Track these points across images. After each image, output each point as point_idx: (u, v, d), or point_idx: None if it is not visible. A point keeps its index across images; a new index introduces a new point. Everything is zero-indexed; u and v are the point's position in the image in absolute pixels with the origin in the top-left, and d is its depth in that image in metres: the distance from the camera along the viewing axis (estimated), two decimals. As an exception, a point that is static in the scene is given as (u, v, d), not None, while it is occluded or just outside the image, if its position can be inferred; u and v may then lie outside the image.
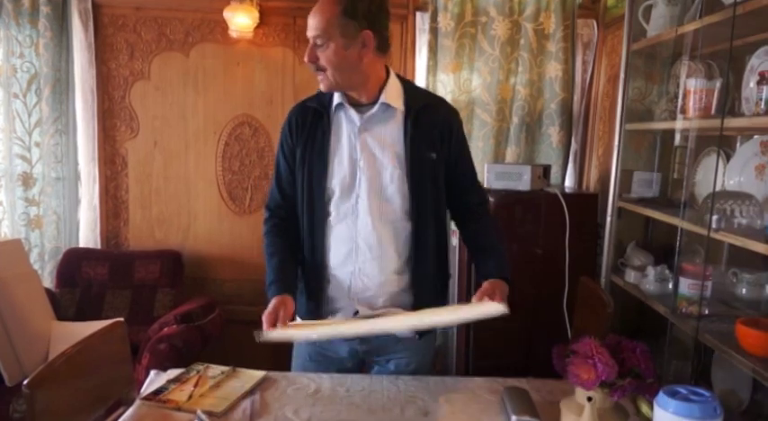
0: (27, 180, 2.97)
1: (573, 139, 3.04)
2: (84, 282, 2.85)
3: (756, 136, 1.91)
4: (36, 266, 2.90)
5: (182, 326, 2.45)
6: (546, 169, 2.64)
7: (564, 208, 2.43)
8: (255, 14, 2.92)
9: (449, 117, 1.60)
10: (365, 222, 1.54)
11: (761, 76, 1.64)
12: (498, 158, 3.00)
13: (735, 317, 1.63)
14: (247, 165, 3.12)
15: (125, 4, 3.00)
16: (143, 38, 3.02)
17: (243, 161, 3.11)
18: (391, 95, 1.54)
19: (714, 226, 1.63)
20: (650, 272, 2.10)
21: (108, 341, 1.57)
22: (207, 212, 3.14)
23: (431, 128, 1.55)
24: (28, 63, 2.92)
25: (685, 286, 1.83)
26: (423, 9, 3.01)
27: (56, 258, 2.97)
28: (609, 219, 2.33)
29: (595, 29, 3.02)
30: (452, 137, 1.58)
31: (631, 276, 2.23)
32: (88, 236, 3.06)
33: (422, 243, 1.58)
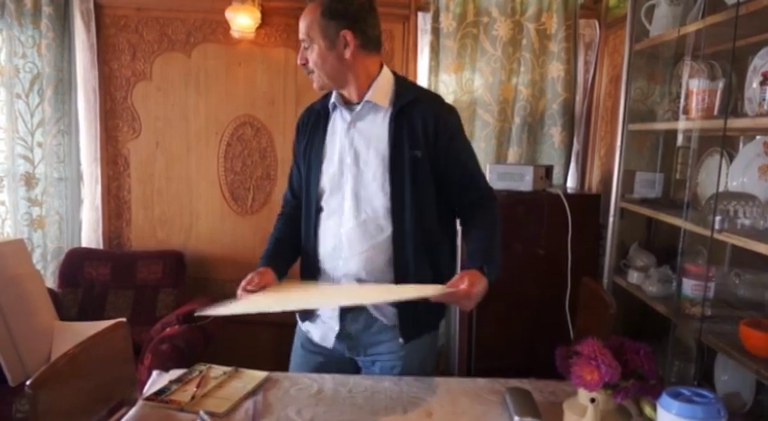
0: (30, 180, 2.98)
1: (575, 140, 3.04)
2: (87, 283, 2.86)
3: (759, 136, 1.91)
4: (39, 266, 2.90)
5: (184, 327, 2.45)
6: (548, 170, 2.64)
7: (566, 208, 2.42)
8: (257, 15, 2.92)
9: (437, 114, 1.56)
10: (348, 219, 1.57)
11: (764, 76, 1.64)
12: (500, 159, 3.00)
13: (738, 318, 1.63)
14: (249, 166, 3.13)
15: (127, 4, 3.00)
16: (145, 38, 3.02)
17: (245, 161, 3.12)
18: (378, 93, 1.56)
19: (717, 227, 1.63)
20: (653, 273, 2.10)
21: (111, 341, 1.57)
22: (209, 212, 3.14)
23: (416, 125, 1.54)
24: (30, 63, 2.92)
25: (688, 287, 1.83)
26: (424, 9, 3.01)
27: (58, 258, 2.97)
28: (611, 220, 2.33)
29: (597, 29, 3.02)
30: (440, 134, 1.54)
31: (634, 277, 2.22)
32: (90, 236, 3.07)
33: (403, 242, 1.55)
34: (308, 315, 1.69)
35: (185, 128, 3.09)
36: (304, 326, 1.73)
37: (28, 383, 1.25)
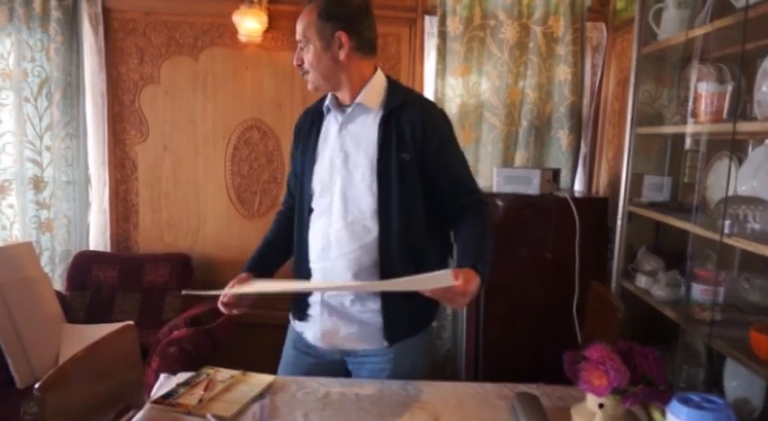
0: (38, 183, 2.99)
1: (582, 143, 3.03)
2: (95, 286, 2.87)
3: (768, 140, 1.90)
4: (47, 269, 2.91)
5: (191, 330, 2.45)
6: (555, 173, 2.63)
7: (574, 212, 2.42)
8: (264, 19, 2.93)
9: (426, 118, 1.57)
10: (337, 219, 1.59)
11: (774, 79, 1.63)
12: (507, 162, 2.99)
13: (748, 323, 1.61)
14: (256, 169, 3.13)
15: (135, 8, 3.02)
16: (153, 42, 3.04)
17: (252, 165, 3.12)
18: (369, 96, 1.58)
19: (727, 231, 1.61)
20: (661, 277, 2.09)
21: (119, 344, 1.58)
22: (216, 216, 3.15)
23: (404, 128, 1.55)
24: (39, 67, 2.94)
25: (697, 292, 1.81)
26: (431, 13, 3.01)
27: (66, 261, 2.98)
28: (619, 224, 2.32)
29: (604, 32, 3.01)
30: (429, 138, 1.55)
31: (642, 281, 2.21)
32: (98, 239, 3.08)
33: (389, 245, 1.56)
34: (301, 314, 1.69)
35: (193, 131, 3.10)
36: (298, 327, 1.73)
37: (36, 386, 1.25)
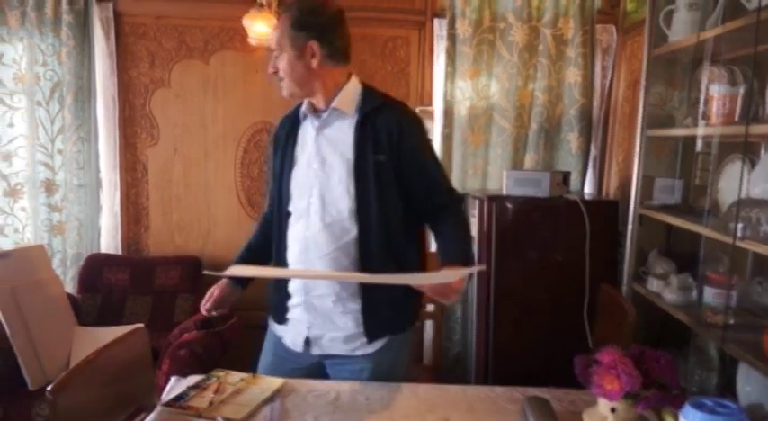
0: (50, 186, 3.01)
1: (592, 145, 3.02)
2: (106, 288, 2.88)
3: (782, 142, 1.88)
4: (58, 272, 2.93)
5: (201, 333, 2.46)
6: (565, 176, 2.62)
7: (584, 215, 2.40)
8: (274, 22, 2.93)
9: (399, 120, 1.62)
10: (315, 221, 1.63)
11: (787, 81, 1.62)
12: (517, 165, 2.99)
13: (761, 327, 1.60)
14: (266, 172, 3.14)
15: (146, 12, 3.04)
16: (163, 46, 3.06)
17: (261, 168, 3.13)
18: (344, 100, 1.62)
19: (739, 234, 1.60)
20: (673, 280, 2.07)
21: (130, 347, 1.59)
22: (226, 218, 3.16)
23: (380, 131, 1.60)
24: (51, 71, 2.96)
25: (710, 295, 1.80)
26: (440, 16, 3.01)
27: (78, 264, 3.00)
28: (630, 227, 2.31)
29: (614, 34, 3.00)
30: (402, 140, 1.60)
31: (653, 285, 2.20)
32: (109, 242, 3.09)
33: (367, 245, 1.61)
34: (281, 317, 1.73)
35: (203, 134, 3.11)
36: (278, 330, 1.77)
37: (48, 388, 1.26)
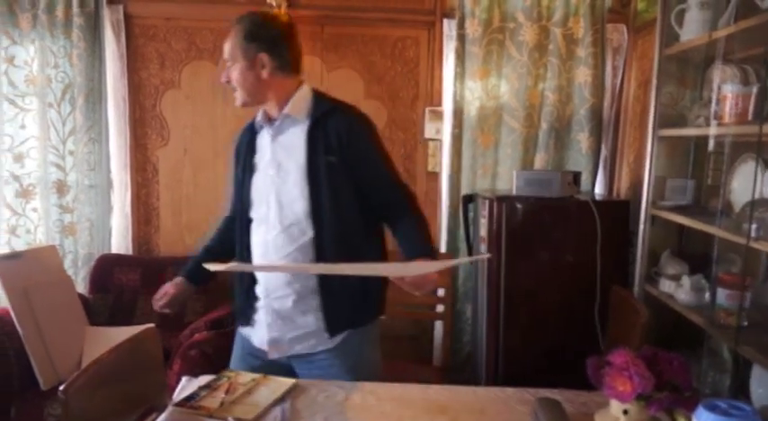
0: (61, 187, 3.03)
1: (603, 145, 3.00)
2: (117, 288, 2.89)
3: (795, 142, 1.86)
4: (70, 272, 2.94)
5: (212, 333, 2.46)
6: (576, 176, 2.61)
7: (595, 215, 2.39)
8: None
9: (348, 122, 1.68)
10: (274, 225, 1.69)
11: (801, 80, 1.60)
12: (527, 165, 2.97)
13: (775, 328, 1.59)
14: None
15: (156, 14, 3.05)
16: (173, 47, 3.07)
17: (271, 168, 3.13)
18: (295, 107, 1.68)
19: (753, 234, 1.59)
20: (686, 281, 2.06)
21: (142, 347, 1.59)
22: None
23: (330, 133, 1.65)
24: (62, 73, 2.98)
25: (723, 296, 1.79)
26: (450, 16, 3.01)
27: (89, 264, 3.01)
28: (642, 227, 2.29)
29: (625, 33, 2.98)
30: (352, 141, 1.65)
31: (666, 286, 2.18)
32: (120, 242, 3.10)
33: (323, 245, 1.66)
34: (247, 319, 1.80)
35: (213, 135, 3.12)
36: (244, 332, 1.84)
37: (61, 388, 1.27)
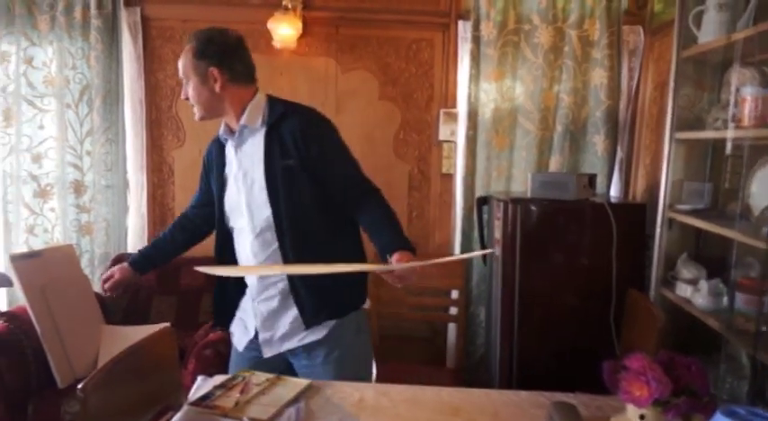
0: (78, 188, 3.07)
1: (619, 148, 2.98)
2: (132, 288, 2.91)
3: (816, 145, 1.84)
4: (86, 271, 2.97)
5: (226, 332, 2.47)
6: (591, 178, 2.59)
7: (611, 218, 2.37)
8: (299, 25, 2.96)
9: (301, 124, 1.71)
10: (249, 233, 1.75)
11: (822, 83, 1.58)
12: (542, 167, 2.96)
13: (795, 334, 1.57)
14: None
15: (172, 16, 3.08)
16: (190, 49, 3.09)
17: (285, 169, 3.15)
18: (251, 116, 1.73)
19: (773, 239, 1.57)
20: (703, 286, 2.03)
21: (158, 346, 1.61)
22: (250, 220, 3.18)
23: (286, 137, 1.69)
24: (80, 74, 3.02)
25: (741, 301, 1.76)
26: (465, 18, 3.00)
27: (105, 263, 3.04)
28: (659, 231, 2.27)
29: (642, 35, 2.96)
30: (308, 142, 1.68)
31: (683, 290, 2.16)
32: (136, 242, 3.13)
33: (287, 249, 1.70)
34: (229, 319, 1.93)
35: (228, 136, 3.14)
36: (235, 331, 1.93)
37: (79, 386, 1.28)
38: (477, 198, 2.93)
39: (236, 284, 1.87)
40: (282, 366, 1.80)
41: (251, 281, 1.82)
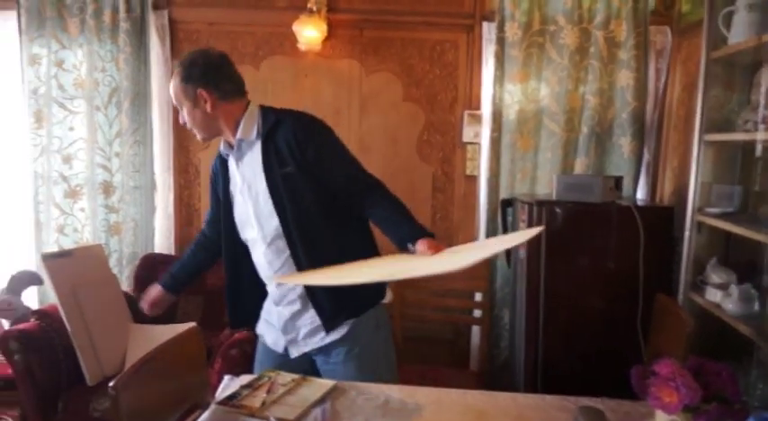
0: (107, 188, 3.12)
1: (645, 150, 2.95)
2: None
3: None
4: (115, 271, 3.02)
5: (252, 332, 2.50)
6: (618, 181, 2.57)
7: (638, 221, 2.34)
8: (323, 27, 2.98)
9: (293, 129, 1.71)
10: (260, 243, 1.78)
11: None
12: (567, 169, 2.93)
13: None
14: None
15: (199, 19, 3.12)
16: (216, 52, 3.12)
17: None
18: (245, 129, 1.75)
19: (805, 243, 1.54)
20: (734, 290, 2.00)
21: (186, 346, 1.63)
22: (274, 221, 3.21)
23: (281, 144, 1.71)
24: (109, 77, 3.07)
25: (773, 306, 1.74)
26: (489, 19, 2.99)
27: (133, 263, 3.09)
28: (687, 234, 2.24)
29: (669, 36, 2.92)
30: (302, 146, 1.69)
31: (712, 295, 2.12)
32: (163, 242, 3.18)
33: (299, 255, 1.72)
34: (259, 322, 1.95)
35: (253, 138, 3.17)
36: (261, 332, 1.96)
37: (111, 384, 1.30)
38: (502, 200, 2.91)
39: (251, 287, 1.89)
40: (306, 366, 1.82)
41: (271, 287, 1.85)
